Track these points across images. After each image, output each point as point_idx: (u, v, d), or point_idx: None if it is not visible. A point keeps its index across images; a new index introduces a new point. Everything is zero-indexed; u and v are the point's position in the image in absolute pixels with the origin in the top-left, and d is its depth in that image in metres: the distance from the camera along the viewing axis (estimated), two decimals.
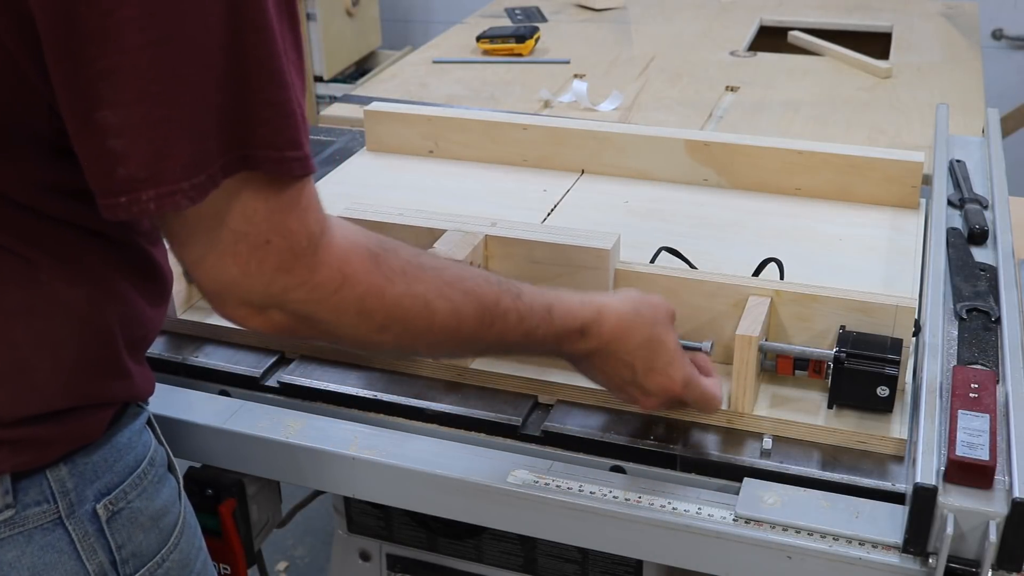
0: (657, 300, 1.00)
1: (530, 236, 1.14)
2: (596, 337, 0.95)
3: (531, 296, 0.91)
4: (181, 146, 0.69)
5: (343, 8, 3.38)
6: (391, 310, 0.81)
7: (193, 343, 1.22)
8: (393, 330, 0.82)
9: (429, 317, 0.83)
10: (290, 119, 0.73)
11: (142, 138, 0.68)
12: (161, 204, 0.69)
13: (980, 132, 1.76)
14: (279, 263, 0.75)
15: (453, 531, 1.34)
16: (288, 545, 2.37)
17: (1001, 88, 3.28)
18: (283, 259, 0.75)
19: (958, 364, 1.07)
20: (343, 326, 0.80)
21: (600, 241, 1.12)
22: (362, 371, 1.17)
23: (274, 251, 0.74)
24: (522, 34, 2.27)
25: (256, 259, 0.74)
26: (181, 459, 1.15)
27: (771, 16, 2.58)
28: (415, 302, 0.82)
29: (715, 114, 1.93)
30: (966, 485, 0.89)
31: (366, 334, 0.82)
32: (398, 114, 1.64)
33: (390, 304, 0.81)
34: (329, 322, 0.79)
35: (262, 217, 0.74)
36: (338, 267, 0.77)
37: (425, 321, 0.84)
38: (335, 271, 0.77)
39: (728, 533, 0.95)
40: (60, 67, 0.67)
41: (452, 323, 0.85)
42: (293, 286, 0.76)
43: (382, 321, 0.81)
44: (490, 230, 1.14)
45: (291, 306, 0.77)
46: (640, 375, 0.97)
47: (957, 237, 1.34)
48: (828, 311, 1.07)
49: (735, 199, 1.47)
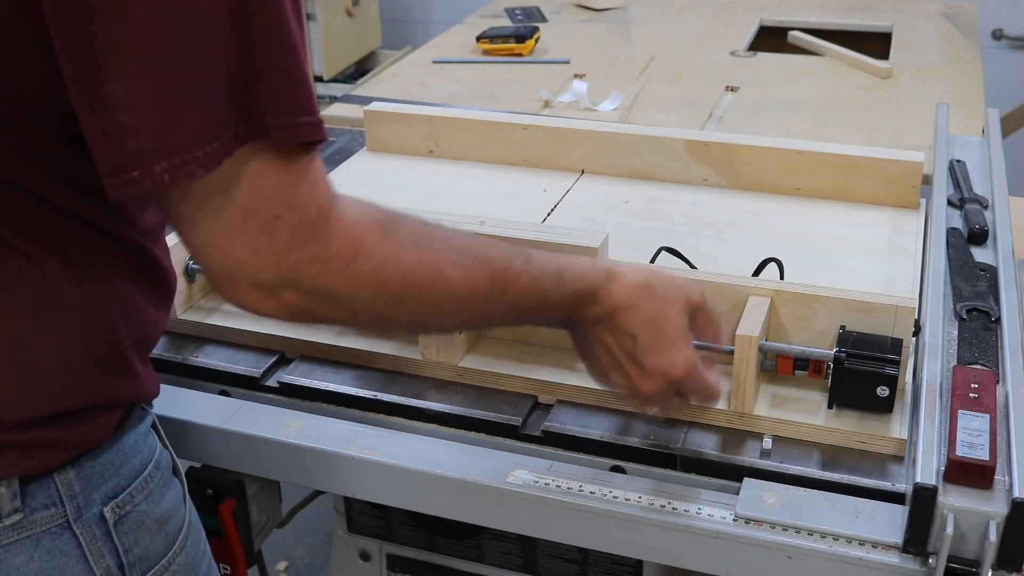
0: (677, 281, 0.96)
1: (519, 234, 1.13)
2: (605, 302, 0.92)
3: (541, 260, 0.89)
4: (191, 115, 0.68)
5: (343, 8, 3.38)
6: (406, 279, 0.79)
7: (193, 343, 1.22)
8: (409, 301, 0.80)
9: (444, 285, 0.82)
10: (301, 84, 0.72)
11: (152, 109, 0.67)
12: (175, 175, 0.68)
13: (980, 132, 1.76)
14: (290, 238, 0.73)
15: (453, 531, 1.34)
16: (288, 545, 2.37)
17: (1001, 88, 3.28)
18: (294, 234, 0.73)
19: (958, 364, 1.07)
20: (359, 300, 0.78)
21: (588, 239, 1.12)
22: (362, 371, 1.17)
23: (284, 226, 0.73)
24: (522, 34, 2.27)
25: (267, 235, 0.72)
26: (181, 459, 1.15)
27: (771, 16, 2.58)
28: (429, 270, 0.80)
29: (715, 114, 1.93)
30: (966, 485, 0.89)
31: (383, 307, 0.80)
32: (398, 114, 1.64)
33: (405, 273, 0.79)
34: (345, 297, 0.77)
35: (271, 191, 0.72)
36: (350, 238, 0.76)
37: (440, 289, 0.82)
38: (348, 243, 0.75)
39: (728, 533, 0.95)
40: (65, 42, 0.67)
41: (467, 290, 0.83)
42: (306, 261, 0.74)
43: (398, 291, 0.79)
44: (479, 228, 1.14)
45: (305, 283, 0.75)
46: (641, 350, 0.93)
47: (957, 237, 1.34)
48: (828, 311, 1.07)
49: (735, 199, 1.47)
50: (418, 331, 1.10)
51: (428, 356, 1.14)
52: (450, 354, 1.14)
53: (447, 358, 1.14)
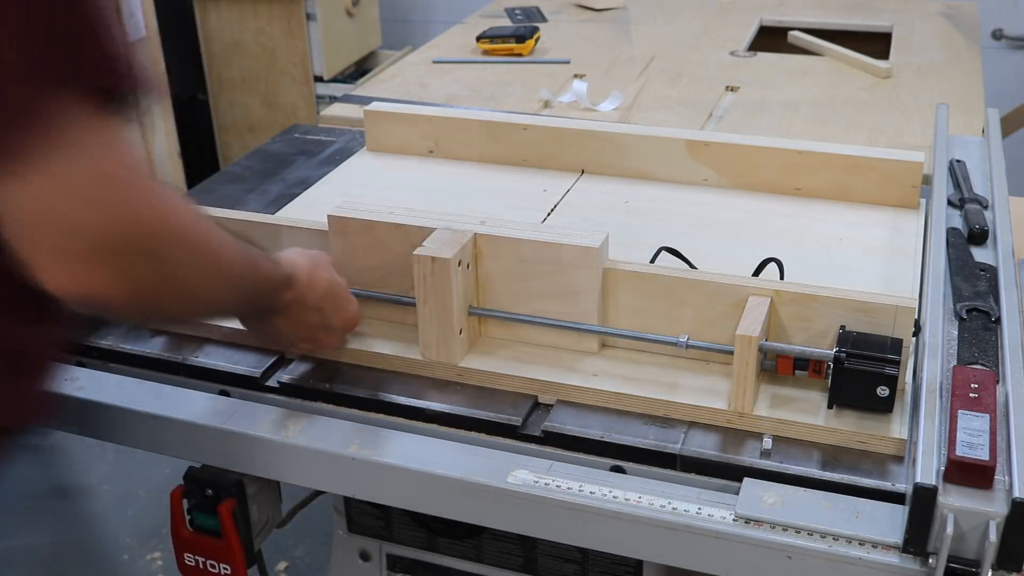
0: (317, 251, 1.11)
1: (519, 235, 1.13)
2: (296, 287, 1.04)
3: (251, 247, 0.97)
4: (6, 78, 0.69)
5: (343, 8, 3.38)
6: (220, 246, 0.86)
7: (193, 343, 1.22)
8: (221, 269, 0.87)
9: (231, 255, 0.89)
10: (108, 31, 0.73)
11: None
12: None
13: (980, 132, 1.76)
14: (125, 196, 0.75)
15: (453, 531, 1.34)
16: (288, 545, 2.37)
17: (1001, 88, 3.28)
18: (129, 192, 0.75)
19: (958, 364, 1.07)
20: (193, 266, 0.82)
21: (588, 239, 1.12)
22: (362, 371, 1.17)
23: (121, 184, 0.75)
24: (522, 34, 2.27)
25: (130, 203, 0.75)
26: (182, 459, 1.15)
27: (771, 16, 2.58)
28: (224, 235, 0.88)
29: (715, 114, 1.93)
30: (966, 485, 0.89)
31: (205, 275, 0.84)
32: (398, 114, 1.64)
33: (219, 239, 0.86)
34: (184, 263, 0.81)
35: (99, 152, 0.74)
36: (170, 198, 0.80)
37: (229, 259, 0.89)
38: (170, 202, 0.80)
39: (728, 533, 0.95)
40: None
41: (239, 264, 0.91)
42: (142, 219, 0.76)
43: (215, 258, 0.85)
44: (479, 228, 1.14)
45: (138, 241, 0.77)
46: (329, 315, 1.10)
47: (957, 237, 1.34)
48: (828, 311, 1.06)
49: (735, 199, 1.47)
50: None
51: (428, 356, 1.14)
52: (450, 354, 1.14)
53: (447, 358, 1.14)
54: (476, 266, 1.15)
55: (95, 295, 0.77)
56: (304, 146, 1.75)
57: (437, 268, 1.09)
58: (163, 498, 1.20)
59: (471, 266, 1.13)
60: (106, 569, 1.07)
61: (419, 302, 1.11)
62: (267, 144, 1.78)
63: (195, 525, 1.19)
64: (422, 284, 1.10)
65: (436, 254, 1.08)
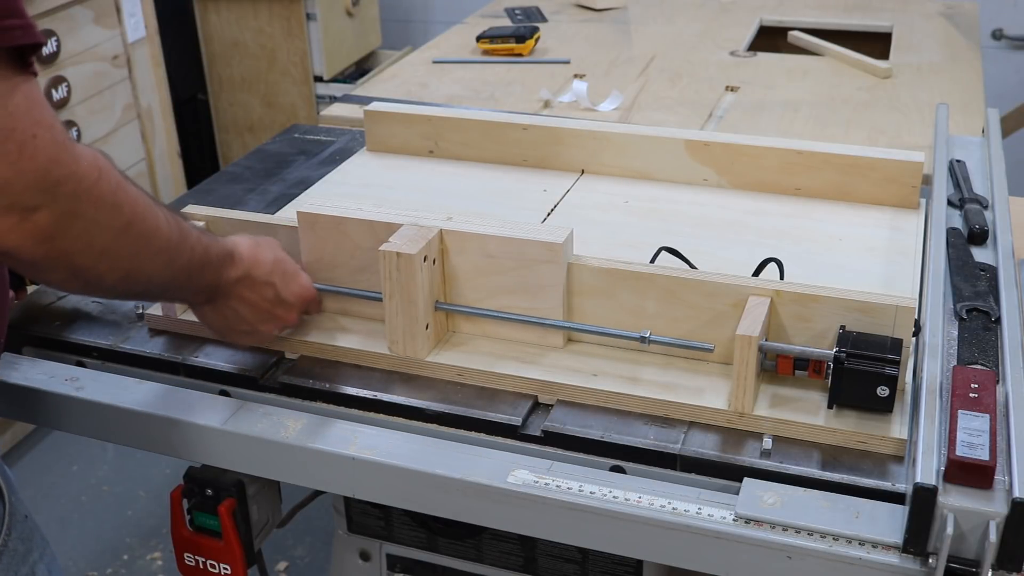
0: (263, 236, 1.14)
1: (484, 231, 1.13)
2: (240, 263, 1.05)
3: (184, 221, 0.98)
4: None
5: (343, 8, 3.38)
6: (134, 204, 0.86)
7: (193, 343, 1.22)
8: (135, 228, 0.87)
9: (155, 219, 0.89)
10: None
11: None
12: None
13: (980, 132, 1.76)
14: (49, 155, 0.77)
15: (453, 531, 1.34)
16: (288, 545, 2.37)
17: (1001, 88, 3.29)
18: (51, 151, 0.77)
19: (958, 364, 1.07)
20: (100, 222, 0.83)
21: (552, 235, 1.12)
22: (362, 371, 1.17)
23: (42, 144, 0.76)
24: (522, 34, 2.27)
25: (28, 154, 0.76)
26: (182, 459, 1.15)
27: (771, 16, 2.58)
28: (146, 200, 0.89)
29: (715, 114, 1.93)
30: (966, 485, 0.89)
31: (115, 233, 0.85)
32: (398, 114, 1.64)
33: (133, 197, 0.86)
34: (90, 218, 0.82)
35: (22, 111, 0.75)
36: (92, 159, 0.81)
37: (152, 222, 0.89)
38: (92, 162, 0.81)
39: (728, 533, 0.95)
40: None
41: (166, 230, 0.91)
42: (63, 178, 0.78)
43: (128, 216, 0.86)
44: (445, 224, 1.14)
45: (60, 201, 0.79)
46: (281, 289, 1.10)
47: (957, 237, 1.34)
48: (828, 311, 1.07)
49: (735, 199, 1.47)
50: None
51: (395, 351, 1.15)
52: (416, 349, 1.14)
53: (413, 353, 1.14)
54: (443, 262, 1.15)
55: (18, 247, 0.79)
56: (304, 146, 1.75)
57: (403, 264, 1.09)
58: (163, 498, 1.20)
59: (436, 262, 1.13)
60: None
61: (386, 297, 1.12)
62: (267, 144, 1.78)
63: (195, 525, 1.19)
64: (388, 280, 1.10)
65: (401, 250, 1.09)
